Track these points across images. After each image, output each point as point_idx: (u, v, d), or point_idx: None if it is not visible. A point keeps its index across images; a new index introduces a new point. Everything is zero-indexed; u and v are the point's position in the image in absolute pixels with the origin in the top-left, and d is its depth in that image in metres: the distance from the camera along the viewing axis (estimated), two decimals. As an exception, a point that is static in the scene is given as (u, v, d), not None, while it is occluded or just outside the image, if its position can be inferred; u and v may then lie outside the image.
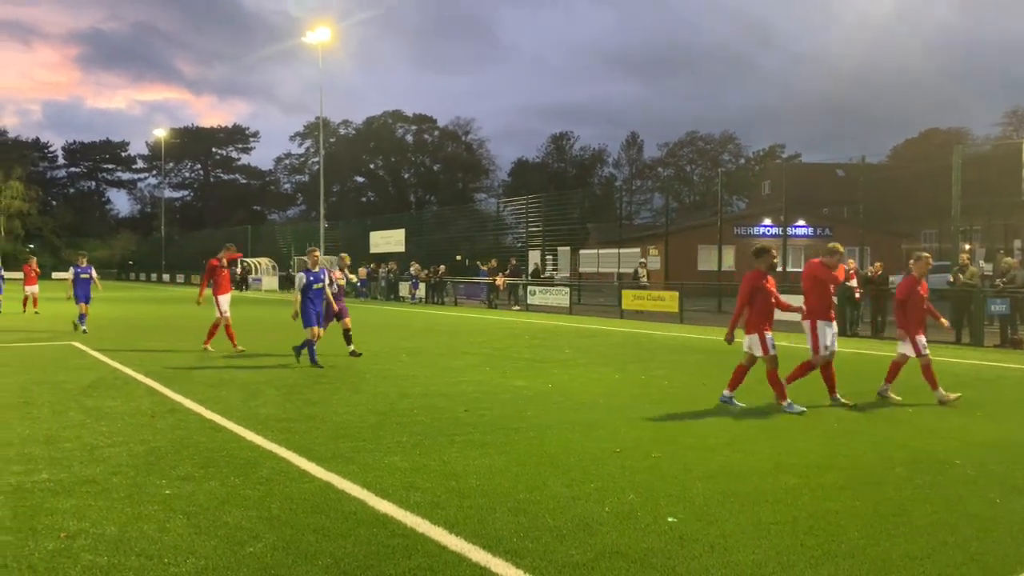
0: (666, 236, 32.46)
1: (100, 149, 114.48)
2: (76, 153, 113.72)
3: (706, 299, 28.80)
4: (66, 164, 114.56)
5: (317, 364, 12.12)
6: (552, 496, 5.38)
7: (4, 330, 18.92)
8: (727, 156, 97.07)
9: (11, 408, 8.49)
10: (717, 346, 16.81)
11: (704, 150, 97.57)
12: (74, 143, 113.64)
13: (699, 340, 18.22)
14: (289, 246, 59.84)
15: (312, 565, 4.11)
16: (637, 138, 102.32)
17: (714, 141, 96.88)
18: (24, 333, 18.25)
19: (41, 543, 4.39)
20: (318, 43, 51.68)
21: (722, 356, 14.80)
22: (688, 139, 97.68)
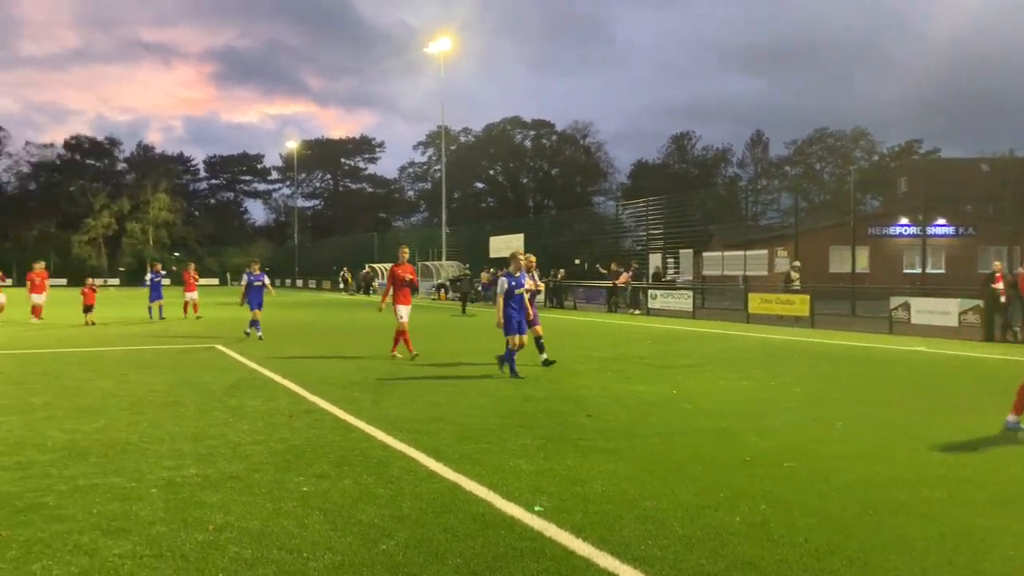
0: (795, 237, 31.29)
1: (238, 162, 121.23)
2: (216, 166, 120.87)
3: (838, 302, 27.59)
4: (207, 176, 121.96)
5: (517, 375, 11.44)
6: (680, 504, 5.28)
7: (155, 335, 20.25)
8: (859, 153, 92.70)
9: (162, 407, 9.07)
10: (851, 352, 16.09)
11: (834, 147, 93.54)
12: (214, 157, 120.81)
13: (831, 345, 17.49)
14: (413, 252, 61.40)
15: (442, 564, 4.19)
16: (762, 136, 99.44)
17: (845, 137, 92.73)
18: (173, 337, 19.46)
19: (192, 534, 4.67)
20: (439, 53, 52.93)
21: (856, 362, 14.16)
22: (817, 136, 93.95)
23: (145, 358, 14.22)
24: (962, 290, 22.29)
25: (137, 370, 12.38)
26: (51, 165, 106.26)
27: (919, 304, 21.51)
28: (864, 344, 17.67)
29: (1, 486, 5.68)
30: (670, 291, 30.45)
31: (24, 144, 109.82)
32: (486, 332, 20.51)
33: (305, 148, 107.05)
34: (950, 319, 20.08)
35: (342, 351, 15.59)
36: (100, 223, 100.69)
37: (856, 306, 27.07)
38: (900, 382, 11.70)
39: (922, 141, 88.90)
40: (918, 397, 10.15)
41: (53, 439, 7.27)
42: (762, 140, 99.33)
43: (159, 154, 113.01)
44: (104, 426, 7.90)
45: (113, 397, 9.71)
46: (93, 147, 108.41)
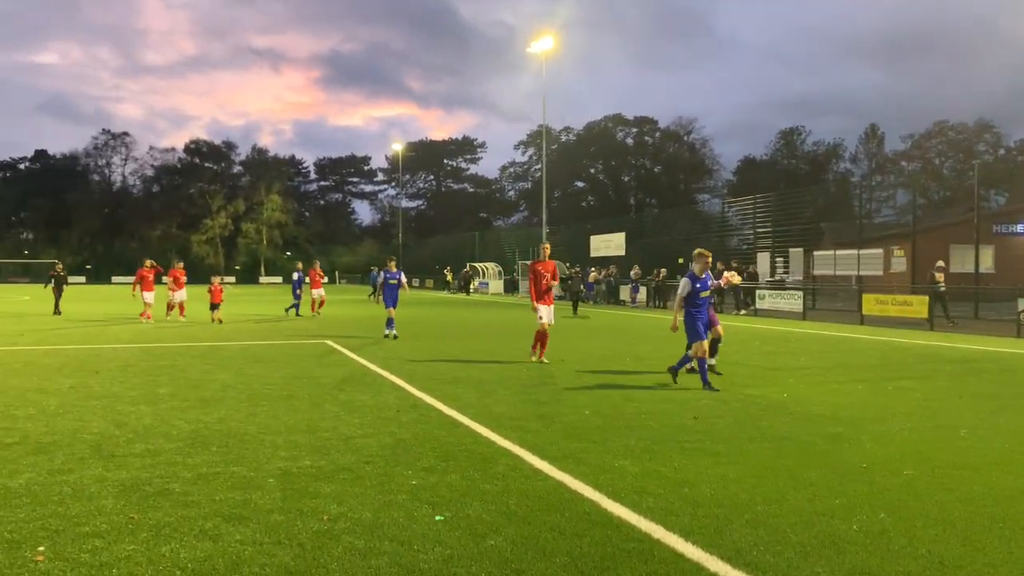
0: (913, 235, 29.89)
1: (346, 164, 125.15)
2: (325, 168, 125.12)
3: (960, 304, 26.18)
4: (317, 178, 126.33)
5: (711, 387, 10.25)
6: (793, 510, 5.12)
7: (271, 331, 21.05)
8: (983, 146, 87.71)
9: (277, 400, 9.43)
10: (974, 355, 15.24)
11: (955, 140, 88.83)
12: (323, 159, 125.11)
13: (952, 349, 16.61)
14: (513, 251, 61.79)
15: (550, 563, 4.19)
16: (877, 130, 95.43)
17: (967, 130, 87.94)
18: (287, 333, 20.21)
19: (307, 524, 4.83)
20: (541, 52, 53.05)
21: (981, 367, 13.39)
22: (936, 129, 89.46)
23: (261, 353, 14.83)
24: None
25: (254, 364, 12.92)
26: (172, 168, 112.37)
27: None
28: (989, 348, 16.71)
29: (132, 471, 6.03)
30: (779, 291, 29.58)
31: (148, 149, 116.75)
32: (597, 334, 20.47)
33: (409, 150, 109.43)
34: (1086, 322, 18.75)
35: (446, 348, 15.83)
36: (217, 223, 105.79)
37: (980, 308, 25.64)
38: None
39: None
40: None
41: (178, 428, 7.67)
42: (877, 134, 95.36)
43: (272, 157, 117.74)
44: (224, 417, 8.28)
45: (232, 389, 10.17)
46: (211, 151, 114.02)
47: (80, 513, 4.99)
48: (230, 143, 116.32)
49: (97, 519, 4.89)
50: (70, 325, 21.91)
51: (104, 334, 19.03)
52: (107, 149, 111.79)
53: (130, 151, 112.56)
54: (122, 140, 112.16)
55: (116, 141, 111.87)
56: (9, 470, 6.04)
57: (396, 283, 18.49)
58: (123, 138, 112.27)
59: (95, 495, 5.40)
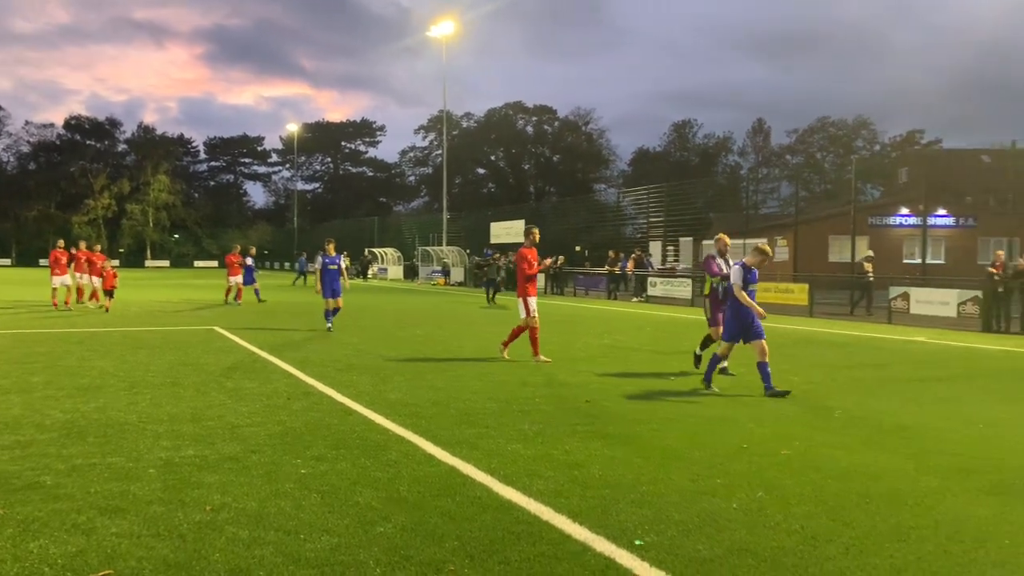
0: (795, 226, 31.31)
1: (238, 144, 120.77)
2: (216, 148, 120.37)
3: (838, 292, 27.59)
4: (207, 159, 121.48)
5: (776, 391, 8.98)
6: (677, 490, 5.29)
7: (156, 316, 20.21)
8: (861, 142, 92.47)
9: (160, 387, 9.07)
10: (851, 340, 16.10)
11: (836, 136, 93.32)
12: (214, 138, 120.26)
13: (830, 334, 17.51)
14: (413, 236, 61.34)
15: (440, 547, 4.20)
16: (764, 124, 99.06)
17: (847, 126, 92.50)
18: (173, 318, 19.45)
19: (189, 515, 4.67)
20: (442, 36, 52.66)
21: (855, 352, 14.17)
22: (819, 125, 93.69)
23: (145, 339, 14.22)
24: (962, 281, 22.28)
25: (136, 351, 12.38)
26: (51, 145, 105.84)
27: (919, 294, 21.51)
28: (864, 334, 17.67)
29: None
30: (670, 279, 30.45)
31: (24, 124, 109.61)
32: (494, 319, 20.54)
33: (305, 131, 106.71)
34: (949, 309, 20.09)
35: (341, 335, 15.57)
36: (100, 204, 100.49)
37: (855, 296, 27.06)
38: (900, 372, 11.72)
39: (924, 131, 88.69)
40: (916, 387, 10.16)
41: (52, 418, 7.28)
42: (764, 128, 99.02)
43: (159, 136, 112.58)
44: (103, 406, 7.90)
45: (112, 377, 9.71)
46: (94, 128, 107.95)
47: (-62, 510, 4.68)
48: (114, 120, 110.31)
49: (-43, 516, 4.59)
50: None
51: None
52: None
53: (3, 126, 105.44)
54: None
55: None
56: None
57: (337, 268, 16.37)
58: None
59: (-44, 490, 5.07)
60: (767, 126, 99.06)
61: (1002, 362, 13.03)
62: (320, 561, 4.00)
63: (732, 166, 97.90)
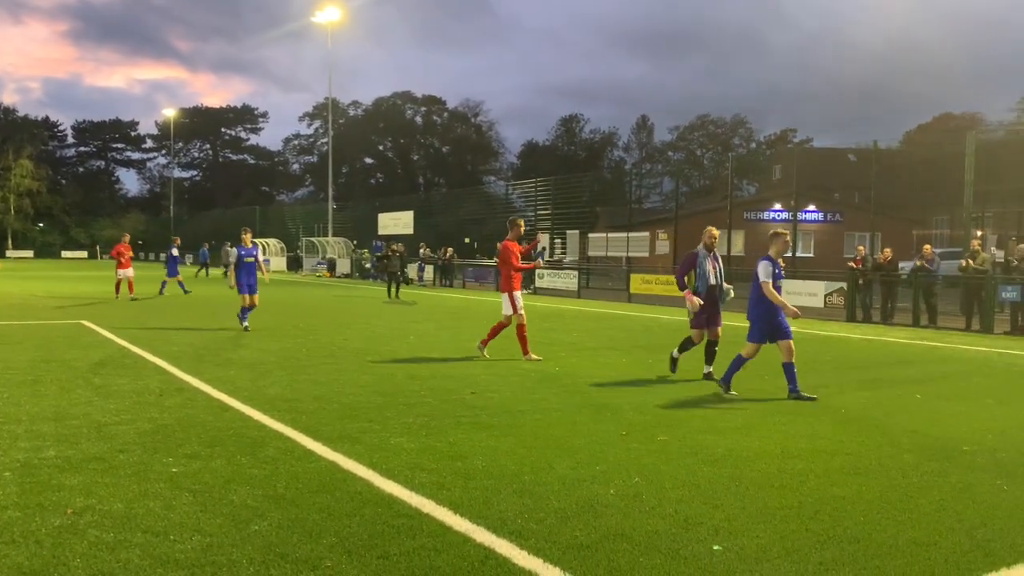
0: (675, 220, 32.26)
1: (109, 128, 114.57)
2: (85, 132, 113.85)
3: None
4: (75, 143, 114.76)
5: (802, 396, 8.63)
6: (557, 478, 5.38)
7: (17, 308, 18.98)
8: (738, 140, 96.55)
9: (20, 385, 8.53)
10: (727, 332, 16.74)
11: (715, 134, 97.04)
12: (84, 122, 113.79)
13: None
14: (298, 227, 59.90)
15: (317, 543, 4.12)
16: (647, 121, 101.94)
17: (725, 124, 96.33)
18: (38, 312, 18.31)
19: (48, 519, 4.41)
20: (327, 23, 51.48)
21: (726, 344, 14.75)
22: (699, 122, 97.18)
23: (4, 334, 13.32)
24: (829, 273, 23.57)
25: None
26: None
27: (789, 286, 22.57)
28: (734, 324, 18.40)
29: None
30: (556, 271, 30.91)
31: None
32: (404, 315, 20.28)
33: (182, 116, 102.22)
34: (817, 300, 21.22)
35: (221, 327, 15.04)
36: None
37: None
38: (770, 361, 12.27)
39: (796, 130, 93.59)
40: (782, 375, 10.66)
41: None
42: (647, 125, 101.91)
43: (21, 118, 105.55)
44: (-48, 406, 7.36)
45: (-36, 376, 9.05)
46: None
47: None
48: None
49: None
50: None
51: None
52: None
53: None
54: None
55: None
56: None
57: (253, 261, 14.88)
58: None
59: None
60: (650, 123, 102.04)
61: (864, 351, 13.86)
62: (190, 562, 3.85)
63: (617, 161, 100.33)
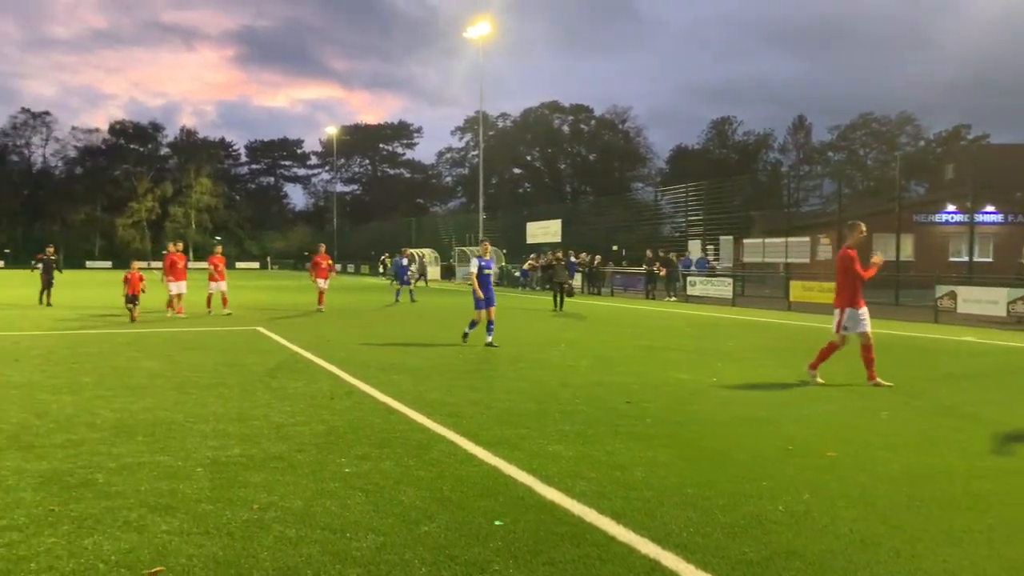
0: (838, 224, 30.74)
1: (278, 147, 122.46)
2: (256, 151, 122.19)
3: (882, 290, 27.12)
4: (248, 161, 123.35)
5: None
6: (721, 492, 5.24)
7: (201, 316, 20.51)
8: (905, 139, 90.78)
9: (207, 388, 9.22)
10: (896, 341, 15.80)
11: (879, 132, 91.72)
12: (255, 141, 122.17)
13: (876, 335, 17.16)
14: (450, 237, 61.58)
15: (484, 547, 4.21)
16: (804, 121, 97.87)
17: (890, 122, 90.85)
18: (217, 319, 19.73)
19: (237, 513, 4.74)
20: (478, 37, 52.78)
21: (900, 352, 13.90)
22: (861, 121, 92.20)
23: (191, 340, 14.47)
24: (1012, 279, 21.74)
25: (183, 351, 12.60)
26: (96, 149, 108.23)
27: (966, 293, 21.06)
28: (909, 334, 17.34)
29: (53, 463, 5.82)
30: (709, 278, 30.18)
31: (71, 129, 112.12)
32: (534, 320, 20.48)
33: (343, 133, 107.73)
34: (998, 308, 19.63)
35: (381, 335, 15.70)
36: (144, 207, 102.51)
37: (900, 295, 26.59)
38: (947, 372, 11.48)
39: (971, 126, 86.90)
40: (966, 387, 9.95)
41: (102, 418, 7.43)
42: (804, 125, 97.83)
43: (201, 139, 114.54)
44: (151, 405, 8.06)
45: (160, 377, 9.90)
46: (137, 132, 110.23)
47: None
48: (157, 124, 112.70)
49: (15, 512, 4.71)
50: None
51: (24, 320, 18.31)
52: (26, 128, 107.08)
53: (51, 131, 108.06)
54: (42, 120, 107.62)
55: (36, 121, 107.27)
56: (-81, 463, 5.77)
57: (490, 273, 14.28)
58: (43, 117, 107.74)
59: (13, 487, 5.20)
60: (808, 122, 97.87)
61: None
62: (366, 560, 4.03)
63: (773, 163, 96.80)
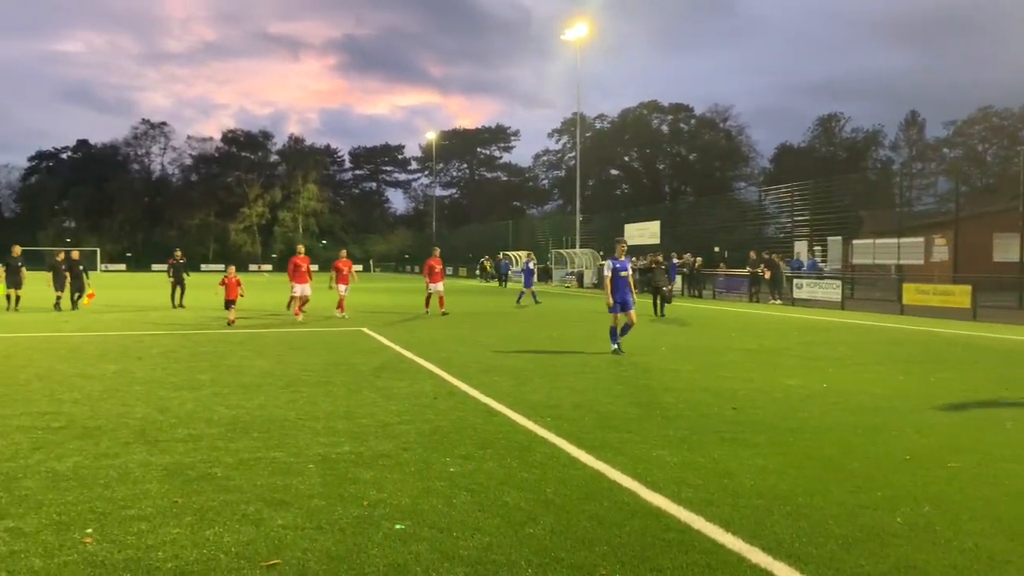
0: (956, 224, 29.30)
1: (380, 153, 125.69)
2: (360, 157, 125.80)
3: (1004, 294, 25.65)
4: (352, 167, 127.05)
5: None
6: (835, 502, 5.06)
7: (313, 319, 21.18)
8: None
9: (315, 386, 9.53)
10: (1018, 346, 14.92)
11: (999, 127, 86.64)
12: (358, 148, 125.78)
13: (996, 340, 16.27)
14: (547, 239, 61.67)
15: (590, 551, 4.19)
16: (917, 116, 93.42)
17: (1012, 116, 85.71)
18: (321, 321, 20.35)
19: (348, 509, 4.87)
20: (576, 39, 52.72)
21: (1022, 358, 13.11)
22: (980, 115, 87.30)
23: (299, 340, 14.98)
24: None
25: (292, 351, 13.06)
26: (210, 157, 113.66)
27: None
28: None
29: (175, 456, 6.13)
30: (816, 280, 29.19)
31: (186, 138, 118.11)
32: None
33: (442, 138, 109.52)
34: None
35: (480, 336, 15.86)
36: (254, 212, 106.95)
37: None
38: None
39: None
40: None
41: (219, 414, 7.78)
42: (917, 121, 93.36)
43: (308, 146, 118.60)
44: (264, 403, 8.38)
45: (271, 376, 10.29)
46: (248, 140, 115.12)
47: (126, 496, 5.09)
48: (267, 133, 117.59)
49: (142, 502, 4.98)
50: (110, 311, 22.27)
51: (144, 321, 19.35)
52: (146, 139, 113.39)
53: (169, 140, 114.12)
54: (160, 130, 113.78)
55: (155, 131, 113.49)
56: (56, 453, 6.17)
57: (626, 277, 13.20)
58: (161, 128, 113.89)
59: (140, 479, 5.50)
60: (921, 118, 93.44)
61: None
62: (472, 559, 4.07)
63: (883, 161, 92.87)
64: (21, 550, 4.18)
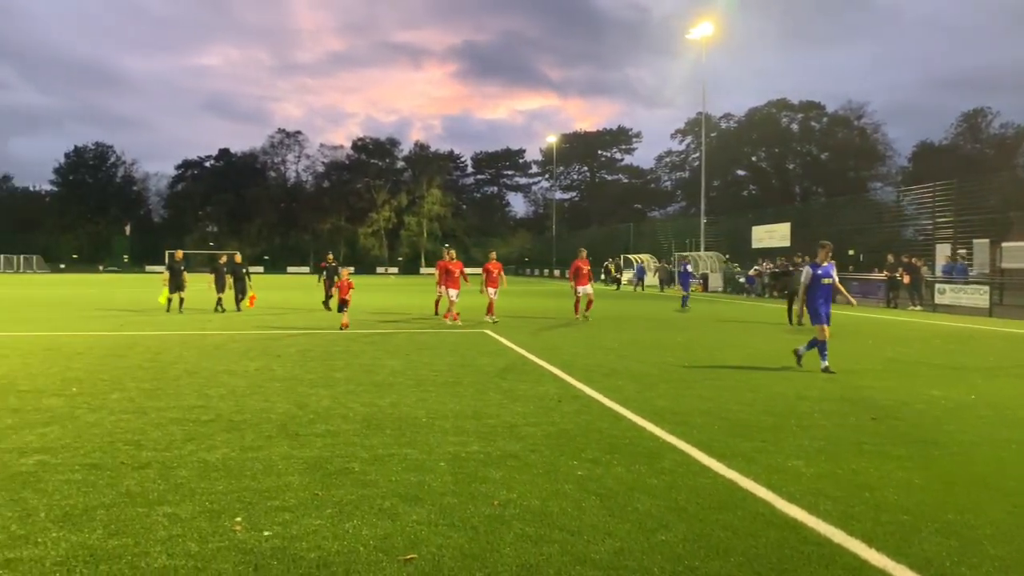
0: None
1: (501, 157, 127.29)
2: (481, 162, 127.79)
3: None
4: (474, 172, 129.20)
5: None
6: (989, 522, 4.75)
7: (430, 319, 21.68)
8: None
9: (443, 386, 9.74)
10: None
11: None
12: (480, 153, 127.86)
13: None
14: (670, 242, 60.72)
15: (724, 561, 4.10)
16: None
17: None
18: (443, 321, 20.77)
19: (479, 508, 4.96)
20: (701, 38, 51.74)
21: None
22: None
23: (426, 340, 15.35)
24: None
25: (420, 351, 13.40)
26: (341, 164, 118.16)
27: None
28: None
29: (315, 450, 6.41)
30: (961, 285, 27.47)
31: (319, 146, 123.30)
32: (763, 328, 19.70)
33: (563, 142, 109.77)
34: None
35: (602, 340, 15.78)
36: (382, 217, 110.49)
37: None
38: None
39: None
40: None
41: (354, 411, 8.08)
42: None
43: (432, 152, 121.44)
44: (395, 401, 8.64)
45: (401, 375, 10.59)
46: (376, 147, 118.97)
47: (270, 488, 5.36)
48: (393, 140, 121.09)
49: (285, 494, 5.23)
50: (249, 312, 23.45)
51: (281, 320, 20.30)
52: (282, 147, 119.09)
53: (303, 149, 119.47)
54: (295, 138, 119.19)
55: (290, 139, 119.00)
56: (207, 445, 6.57)
57: (831, 282, 12.32)
58: (296, 136, 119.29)
59: (283, 471, 5.78)
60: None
61: None
62: (605, 564, 4.06)
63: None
64: (179, 535, 4.48)
